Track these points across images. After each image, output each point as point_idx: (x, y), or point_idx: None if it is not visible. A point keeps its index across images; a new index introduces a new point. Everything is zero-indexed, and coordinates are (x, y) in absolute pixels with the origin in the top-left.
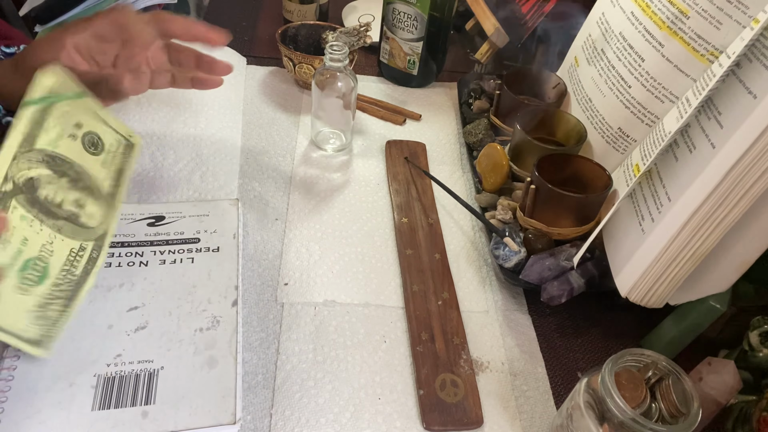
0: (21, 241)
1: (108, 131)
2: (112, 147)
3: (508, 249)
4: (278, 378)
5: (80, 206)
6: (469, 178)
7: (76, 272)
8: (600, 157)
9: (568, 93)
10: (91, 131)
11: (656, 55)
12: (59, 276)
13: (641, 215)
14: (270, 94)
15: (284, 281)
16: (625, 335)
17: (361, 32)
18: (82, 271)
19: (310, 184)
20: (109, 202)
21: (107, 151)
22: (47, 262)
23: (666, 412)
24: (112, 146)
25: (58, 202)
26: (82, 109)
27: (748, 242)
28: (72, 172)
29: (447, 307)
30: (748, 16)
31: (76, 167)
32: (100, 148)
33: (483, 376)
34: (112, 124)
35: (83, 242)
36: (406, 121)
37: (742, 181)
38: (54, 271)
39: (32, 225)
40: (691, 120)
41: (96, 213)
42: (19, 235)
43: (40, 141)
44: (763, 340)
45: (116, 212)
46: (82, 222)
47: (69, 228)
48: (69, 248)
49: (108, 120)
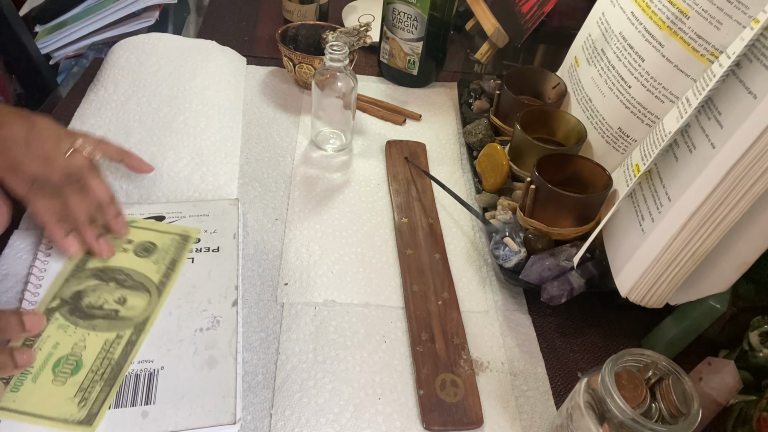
0: (52, 346)
1: (161, 235)
2: (165, 246)
3: (508, 249)
4: (278, 378)
5: (122, 303)
6: (469, 178)
7: (115, 356)
8: (600, 157)
9: (568, 93)
10: (143, 241)
11: (656, 55)
12: (95, 363)
13: (641, 215)
14: (270, 94)
15: (284, 281)
16: (625, 335)
17: (361, 32)
18: (121, 354)
19: (310, 184)
20: (157, 290)
21: (160, 250)
22: (79, 356)
23: (666, 412)
24: (165, 245)
25: (99, 305)
26: (134, 231)
27: (748, 242)
28: (121, 275)
29: (447, 307)
30: (748, 16)
31: (125, 271)
32: (152, 250)
33: (483, 376)
34: (165, 229)
35: (119, 332)
36: (406, 121)
37: (742, 181)
38: (88, 362)
39: (66, 330)
40: (691, 120)
41: (139, 304)
42: (52, 341)
43: (92, 262)
44: (763, 340)
45: (163, 298)
46: (121, 316)
47: (105, 324)
48: (103, 340)
49: (161, 227)
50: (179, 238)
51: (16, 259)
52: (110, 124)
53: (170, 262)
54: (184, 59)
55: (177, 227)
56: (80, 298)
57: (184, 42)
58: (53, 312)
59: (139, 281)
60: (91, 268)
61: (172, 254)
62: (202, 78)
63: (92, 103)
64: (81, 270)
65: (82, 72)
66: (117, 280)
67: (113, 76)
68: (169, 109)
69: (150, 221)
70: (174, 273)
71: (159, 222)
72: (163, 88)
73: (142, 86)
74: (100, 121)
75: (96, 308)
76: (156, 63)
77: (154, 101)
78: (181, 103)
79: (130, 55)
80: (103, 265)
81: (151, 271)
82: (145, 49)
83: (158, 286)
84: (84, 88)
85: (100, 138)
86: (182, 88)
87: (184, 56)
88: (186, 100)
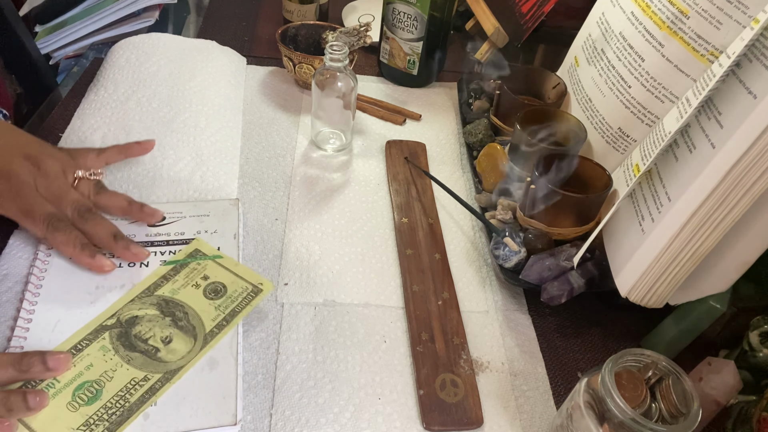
0: (86, 366)
1: (236, 280)
2: (234, 293)
3: (508, 249)
4: (278, 378)
5: (166, 343)
6: (469, 178)
7: (131, 399)
8: (600, 157)
9: (568, 93)
10: (216, 281)
11: (656, 55)
12: (111, 400)
13: (641, 215)
14: (270, 94)
15: (284, 281)
16: (625, 335)
17: (361, 32)
18: (138, 399)
19: (310, 184)
20: (204, 340)
21: (228, 296)
22: (102, 386)
23: (666, 412)
24: (235, 292)
25: (146, 337)
26: (214, 267)
27: (748, 242)
28: (180, 312)
29: (447, 307)
30: (748, 16)
31: (186, 309)
32: (221, 294)
33: (483, 376)
34: (242, 275)
35: (149, 374)
36: (406, 121)
37: (742, 181)
38: (107, 395)
39: (105, 354)
40: (691, 120)
41: (180, 350)
42: (87, 360)
43: (162, 290)
44: (763, 340)
45: (206, 350)
46: (159, 357)
47: (140, 360)
48: (131, 377)
49: (239, 271)
50: (251, 288)
51: (16, 259)
52: (110, 124)
53: (230, 313)
54: (184, 59)
55: (255, 276)
56: (133, 324)
57: (184, 42)
58: (105, 330)
59: (192, 324)
60: (158, 294)
61: (236, 304)
62: (202, 78)
63: (92, 103)
64: (148, 295)
65: (82, 72)
66: (175, 316)
67: (113, 76)
68: (169, 109)
69: (232, 261)
70: (228, 326)
71: (239, 265)
72: (163, 88)
73: (142, 86)
74: (100, 121)
75: (141, 340)
76: (156, 63)
77: (154, 101)
78: (181, 103)
79: (130, 55)
80: (171, 296)
81: (208, 317)
82: (145, 49)
83: (207, 335)
84: (84, 88)
85: (98, 150)
86: (182, 88)
87: (184, 56)
88: (186, 100)
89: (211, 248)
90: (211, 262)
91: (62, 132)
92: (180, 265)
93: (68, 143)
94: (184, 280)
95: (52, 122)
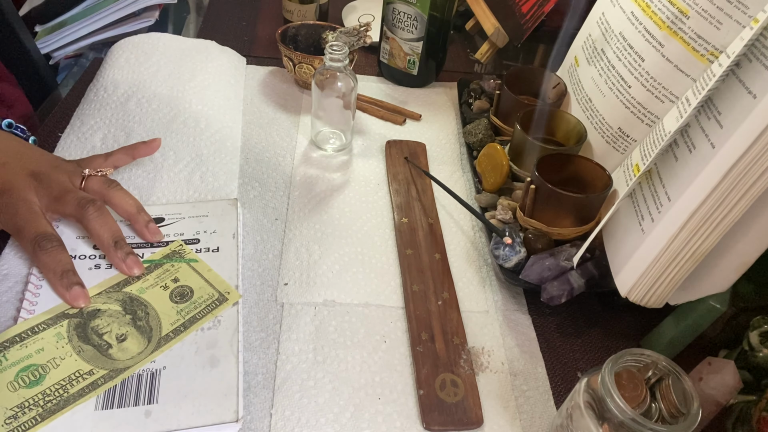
0: (37, 349)
1: (204, 286)
2: (200, 299)
3: (508, 249)
4: (278, 378)
5: (120, 340)
6: (469, 178)
7: (70, 390)
8: (600, 157)
9: (568, 93)
10: (185, 285)
11: (656, 55)
12: (51, 388)
13: (641, 215)
14: (270, 94)
15: (284, 281)
16: (625, 335)
17: (361, 32)
18: (77, 392)
19: (310, 184)
20: (157, 344)
21: (192, 301)
22: (47, 372)
23: (666, 412)
24: (201, 298)
25: (102, 332)
26: (187, 270)
27: (748, 242)
28: (141, 312)
29: (447, 307)
30: (748, 16)
31: (149, 309)
32: (187, 298)
33: (483, 376)
34: (212, 281)
35: (94, 368)
36: (406, 121)
37: (741, 181)
38: (49, 382)
39: (59, 341)
40: (691, 120)
41: (131, 349)
42: (40, 344)
43: (131, 287)
44: (763, 340)
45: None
46: (109, 353)
47: (90, 354)
48: (76, 368)
49: (210, 278)
50: (217, 296)
51: (16, 259)
52: (110, 124)
53: (190, 319)
54: (184, 59)
55: (225, 284)
56: (94, 317)
57: (183, 42)
58: (65, 318)
59: (150, 325)
60: (125, 291)
61: (198, 311)
62: (202, 78)
63: (92, 103)
64: (116, 290)
65: (82, 72)
66: (135, 314)
67: (113, 76)
68: (168, 110)
69: (206, 266)
70: (185, 332)
71: (212, 271)
72: (163, 88)
73: (142, 86)
74: (100, 122)
75: (97, 334)
76: (156, 63)
77: (154, 101)
78: (181, 104)
79: (130, 55)
80: (137, 294)
81: (168, 320)
82: (145, 49)
83: (162, 339)
84: (84, 88)
85: (105, 155)
86: (182, 88)
87: (184, 56)
88: (186, 101)
89: (189, 251)
90: (185, 265)
91: (62, 132)
92: (155, 264)
93: (68, 143)
94: (154, 280)
95: (52, 122)
